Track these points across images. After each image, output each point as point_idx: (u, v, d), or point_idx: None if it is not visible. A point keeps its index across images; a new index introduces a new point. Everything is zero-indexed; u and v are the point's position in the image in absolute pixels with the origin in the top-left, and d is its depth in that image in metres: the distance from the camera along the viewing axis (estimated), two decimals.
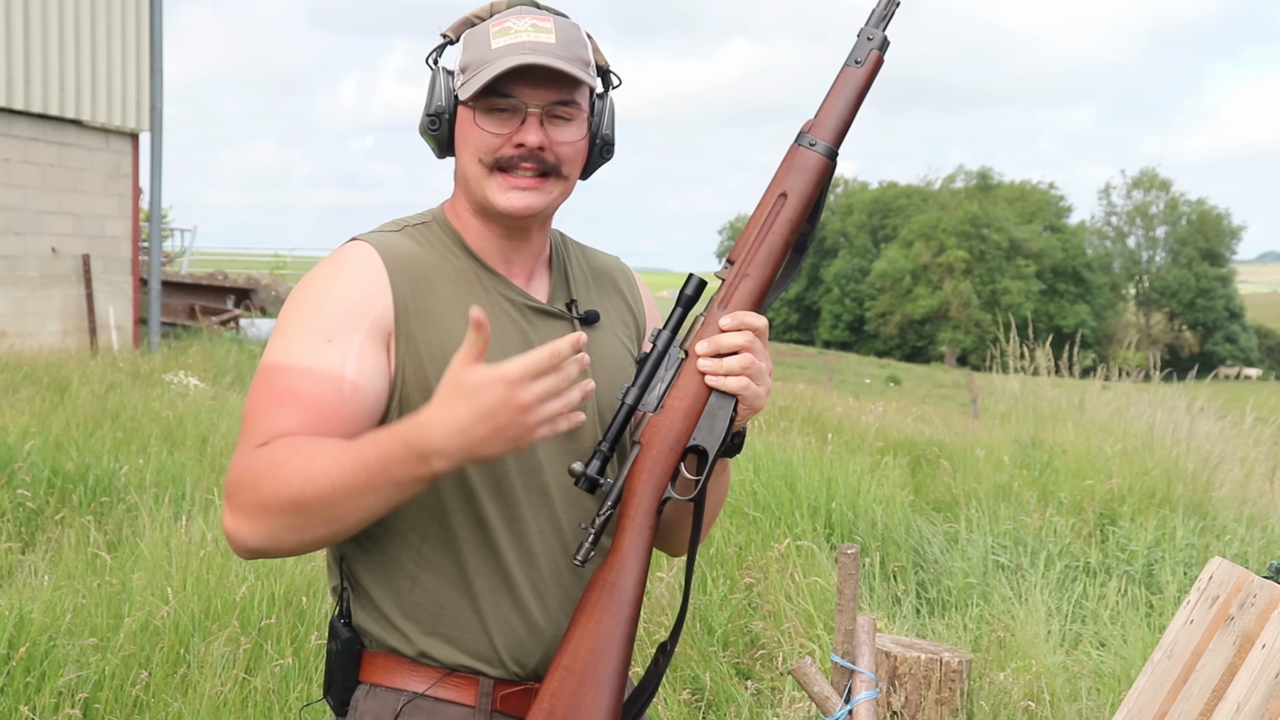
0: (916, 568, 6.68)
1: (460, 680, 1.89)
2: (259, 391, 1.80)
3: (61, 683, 4.38)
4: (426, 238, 1.94)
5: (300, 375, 1.78)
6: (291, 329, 1.82)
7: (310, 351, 1.79)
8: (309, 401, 1.76)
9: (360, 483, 1.66)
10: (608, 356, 2.01)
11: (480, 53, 1.86)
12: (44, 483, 7.05)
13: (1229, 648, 3.02)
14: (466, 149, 1.90)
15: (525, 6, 1.92)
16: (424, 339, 1.85)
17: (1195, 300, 79.86)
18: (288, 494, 1.67)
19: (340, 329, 1.80)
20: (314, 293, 1.84)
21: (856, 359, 51.12)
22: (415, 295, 1.86)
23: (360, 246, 1.88)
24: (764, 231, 1.91)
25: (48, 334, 16.20)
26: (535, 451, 1.91)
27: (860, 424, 12.25)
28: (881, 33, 1.95)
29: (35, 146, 16.13)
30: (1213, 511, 8.04)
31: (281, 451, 1.71)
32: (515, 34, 1.85)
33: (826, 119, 1.93)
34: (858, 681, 3.61)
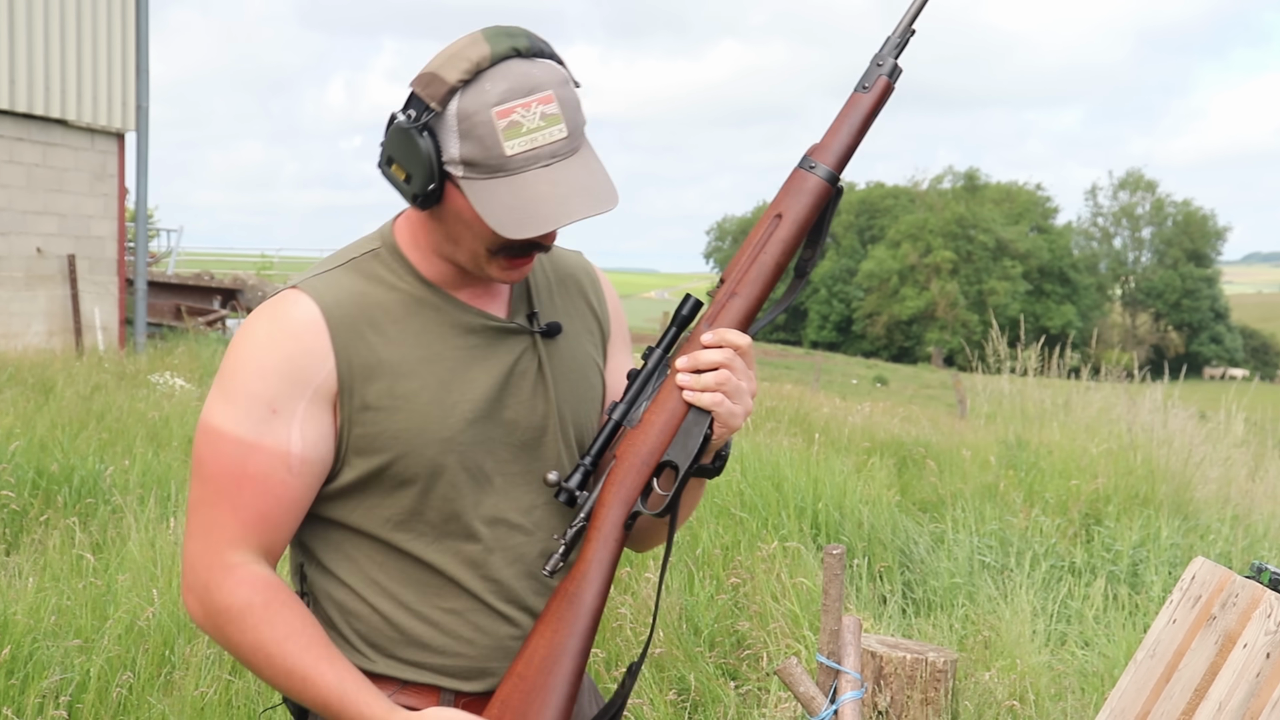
0: (902, 568, 6.69)
1: (421, 690, 1.91)
2: (209, 462, 1.82)
3: (46, 684, 4.37)
4: (373, 270, 1.88)
5: (250, 453, 1.80)
6: (236, 392, 1.81)
7: (256, 424, 1.80)
8: (261, 485, 1.80)
9: (311, 700, 1.79)
10: (570, 368, 2.00)
11: (492, 155, 1.74)
12: (28, 484, 7.03)
13: (1211, 647, 3.03)
14: (469, 232, 1.81)
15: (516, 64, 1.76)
16: (372, 389, 1.83)
17: (1181, 301, 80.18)
18: (248, 657, 1.80)
19: (285, 398, 1.80)
20: (257, 355, 1.81)
21: (843, 359, 51.22)
22: (359, 348, 1.83)
23: (300, 302, 1.83)
24: (756, 252, 1.92)
25: (33, 334, 16.16)
26: (491, 480, 1.90)
27: (847, 424, 12.26)
28: (893, 60, 1.95)
29: (20, 146, 16.09)
30: (1196, 511, 8.06)
31: (259, 609, 1.79)
32: (528, 134, 1.74)
33: (830, 143, 1.93)
34: (843, 682, 3.62)
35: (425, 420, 1.84)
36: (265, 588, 1.80)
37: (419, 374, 1.84)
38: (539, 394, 1.93)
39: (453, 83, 1.74)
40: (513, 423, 1.91)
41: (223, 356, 1.87)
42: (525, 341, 1.94)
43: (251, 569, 1.81)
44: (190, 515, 1.84)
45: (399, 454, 1.83)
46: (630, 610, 5.30)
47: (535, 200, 1.74)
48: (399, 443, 1.83)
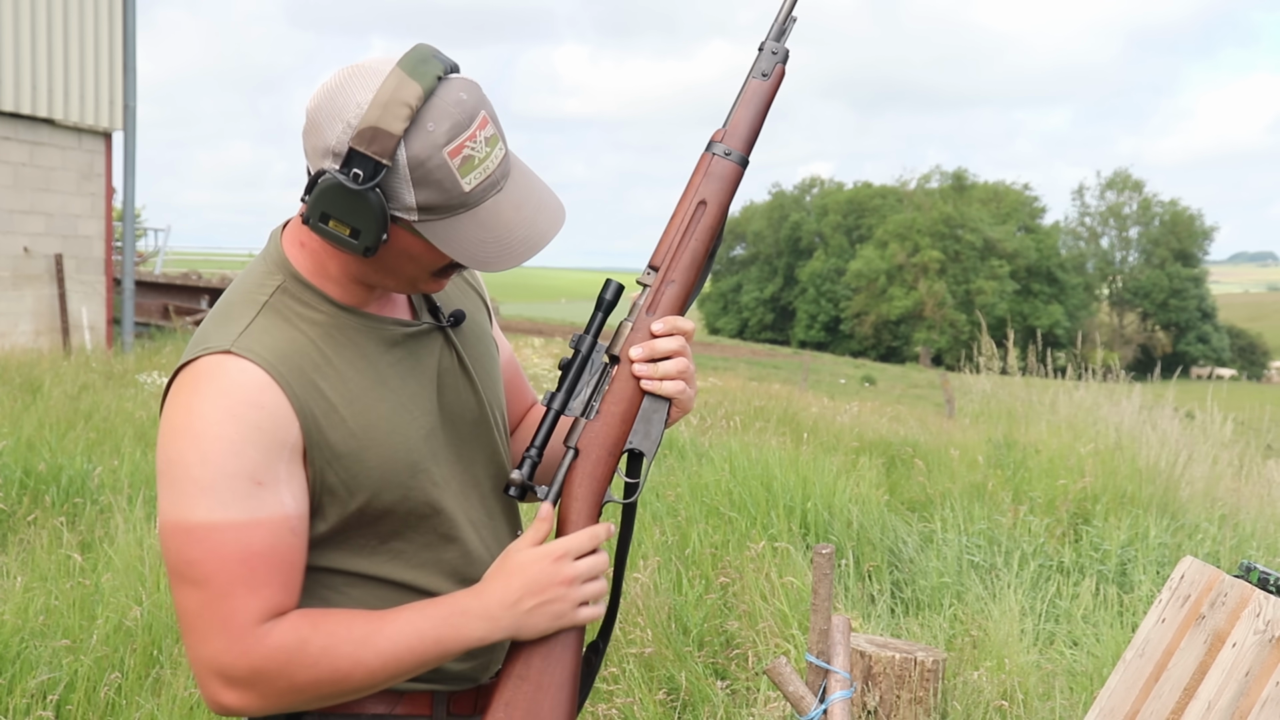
0: (891, 567, 6.69)
1: (415, 696, 1.90)
2: (211, 559, 1.69)
3: (33, 684, 4.36)
4: (289, 308, 1.81)
5: (248, 531, 1.70)
6: (208, 481, 1.69)
7: (242, 502, 1.69)
8: (273, 558, 1.72)
9: (412, 654, 1.76)
10: (480, 352, 2.02)
11: (451, 196, 1.71)
12: (16, 483, 7.02)
13: (1200, 646, 3.04)
14: (415, 265, 1.79)
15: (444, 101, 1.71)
16: (336, 435, 1.78)
17: (1168, 300, 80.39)
18: (330, 672, 1.72)
19: (265, 467, 1.71)
20: (217, 434, 1.69)
21: (832, 359, 51.27)
22: (313, 397, 1.77)
23: (242, 367, 1.73)
24: (685, 238, 1.96)
25: (20, 334, 16.11)
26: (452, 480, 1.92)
27: (836, 424, 12.28)
28: (784, 46, 2.00)
29: (7, 145, 16.04)
30: (1184, 511, 8.08)
31: (307, 629, 1.72)
32: (479, 165, 1.72)
33: (738, 129, 1.99)
34: (832, 681, 3.62)
35: (392, 450, 1.82)
36: (302, 616, 1.75)
37: (372, 405, 1.82)
38: (467, 387, 1.96)
39: (398, 134, 1.68)
40: (455, 423, 1.93)
41: (162, 452, 1.74)
42: (439, 339, 1.94)
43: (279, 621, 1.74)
44: (192, 623, 1.71)
45: (376, 490, 1.81)
46: (620, 610, 5.30)
47: (505, 229, 1.76)
48: (373, 479, 1.80)
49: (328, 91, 1.72)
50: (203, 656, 1.71)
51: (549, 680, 1.85)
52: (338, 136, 1.70)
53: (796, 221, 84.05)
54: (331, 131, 1.70)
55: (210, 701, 1.73)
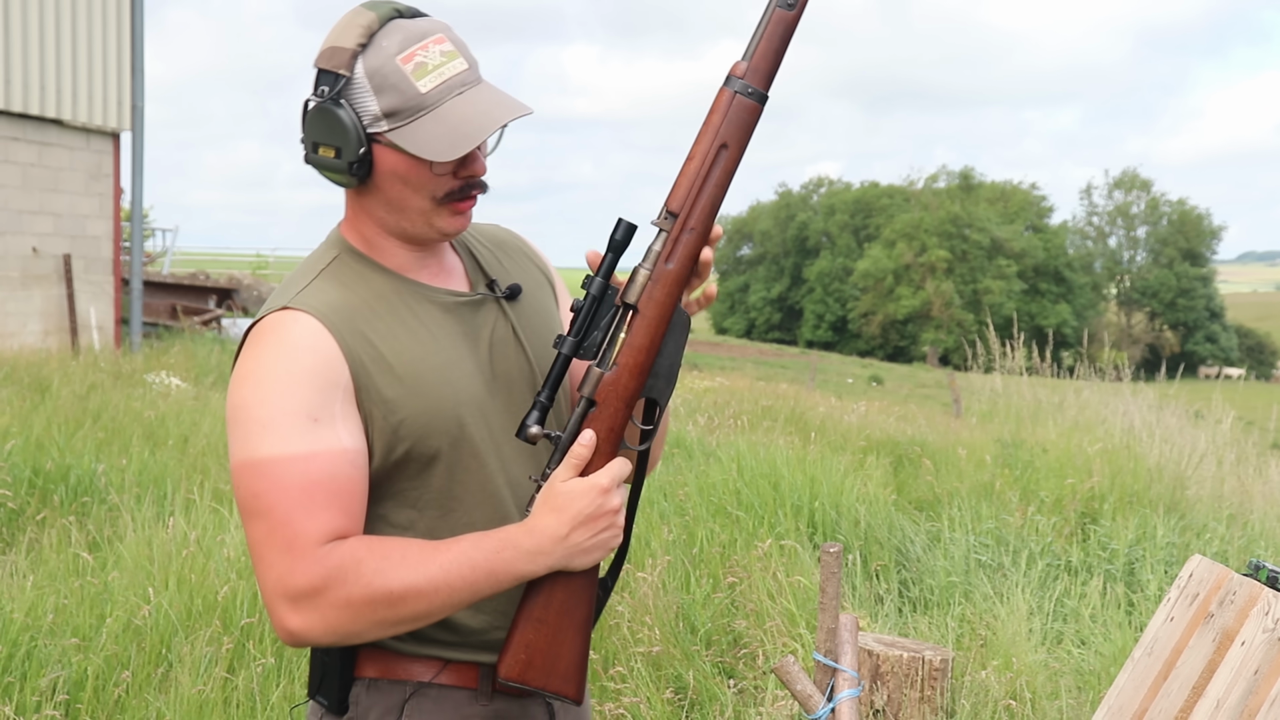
0: (899, 566, 6.69)
1: (461, 666, 1.95)
2: (274, 490, 1.80)
3: (43, 682, 4.37)
4: (343, 277, 1.94)
5: (308, 463, 1.80)
6: (269, 418, 1.81)
7: (304, 436, 1.81)
8: (332, 486, 1.81)
9: (464, 582, 1.79)
10: (538, 324, 2.07)
11: (408, 98, 1.84)
12: (25, 483, 7.03)
13: (1209, 645, 3.04)
14: (409, 188, 1.89)
15: (400, 23, 1.88)
16: (384, 381, 1.88)
17: (1176, 300, 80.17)
18: (385, 591, 1.77)
19: (321, 405, 1.82)
20: (277, 376, 1.83)
21: (839, 359, 51.21)
22: (364, 347, 1.88)
23: (298, 317, 1.87)
24: (705, 183, 1.91)
25: (28, 334, 16.14)
26: (502, 446, 1.97)
27: (843, 424, 12.27)
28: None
29: (15, 146, 16.07)
30: (1192, 510, 8.07)
31: (362, 552, 1.79)
32: (435, 70, 1.85)
33: (760, 65, 1.92)
34: (840, 680, 3.62)
35: (438, 401, 1.89)
36: (361, 539, 1.83)
37: (421, 358, 1.90)
38: (520, 356, 2.01)
39: (352, 47, 1.85)
40: (508, 390, 1.98)
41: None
42: (494, 309, 2.02)
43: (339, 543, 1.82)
44: (260, 552, 1.81)
45: (421, 435, 1.88)
46: (628, 609, 5.31)
47: (461, 121, 1.84)
48: (419, 425, 1.88)
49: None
50: (269, 581, 1.80)
51: (567, 624, 1.89)
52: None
53: (803, 221, 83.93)
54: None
55: (279, 629, 1.81)
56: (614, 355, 1.91)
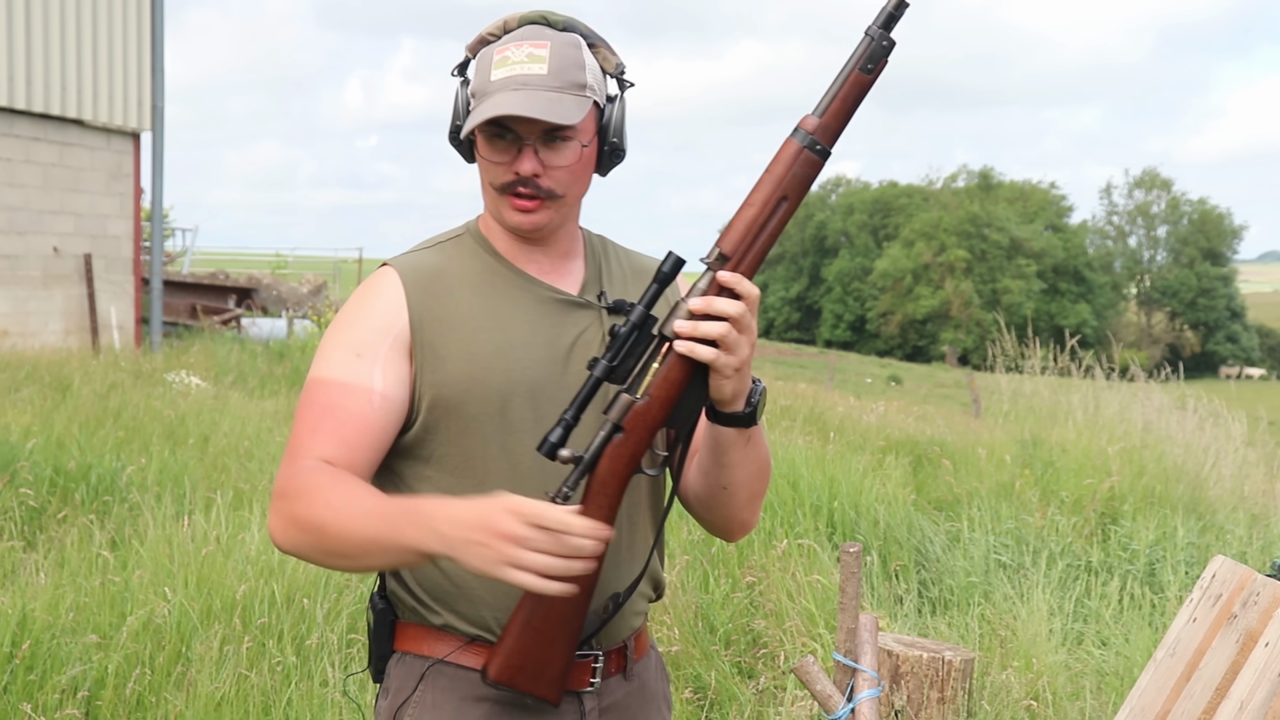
0: (918, 567, 6.67)
1: (479, 648, 2.01)
2: (304, 405, 1.99)
3: (63, 680, 4.38)
4: (454, 250, 2.09)
5: (336, 389, 1.97)
6: (329, 346, 2.02)
7: (343, 366, 1.98)
8: (343, 414, 1.95)
9: (374, 533, 1.82)
10: None
11: (482, 83, 1.99)
12: (46, 481, 7.06)
13: (1232, 646, 3.02)
14: (483, 173, 2.04)
15: (532, 26, 2.01)
16: (441, 340, 2.00)
17: (1197, 300, 79.84)
18: (315, 520, 1.86)
19: (368, 345, 1.99)
20: (348, 315, 2.05)
21: (858, 359, 51.14)
22: (431, 305, 2.02)
23: (386, 272, 2.06)
24: (761, 232, 1.89)
25: (50, 333, 16.21)
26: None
27: (862, 423, 12.25)
28: (891, 35, 1.89)
29: (37, 146, 16.14)
30: (1212, 511, 8.04)
31: (322, 480, 1.89)
32: (511, 65, 1.96)
33: (831, 123, 1.89)
34: (860, 680, 3.61)
35: (488, 369, 1.99)
36: (337, 471, 1.91)
37: (485, 330, 2.02)
38: None
39: (484, 35, 2.03)
40: (575, 387, 2.01)
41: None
42: (592, 315, 2.08)
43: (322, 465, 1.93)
44: (285, 451, 1.99)
45: (462, 397, 1.99)
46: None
47: (491, 108, 1.93)
48: (461, 386, 1.99)
49: None
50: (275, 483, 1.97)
51: (562, 634, 1.93)
52: None
53: (822, 221, 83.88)
54: None
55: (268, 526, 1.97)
56: (645, 385, 1.90)
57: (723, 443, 2.00)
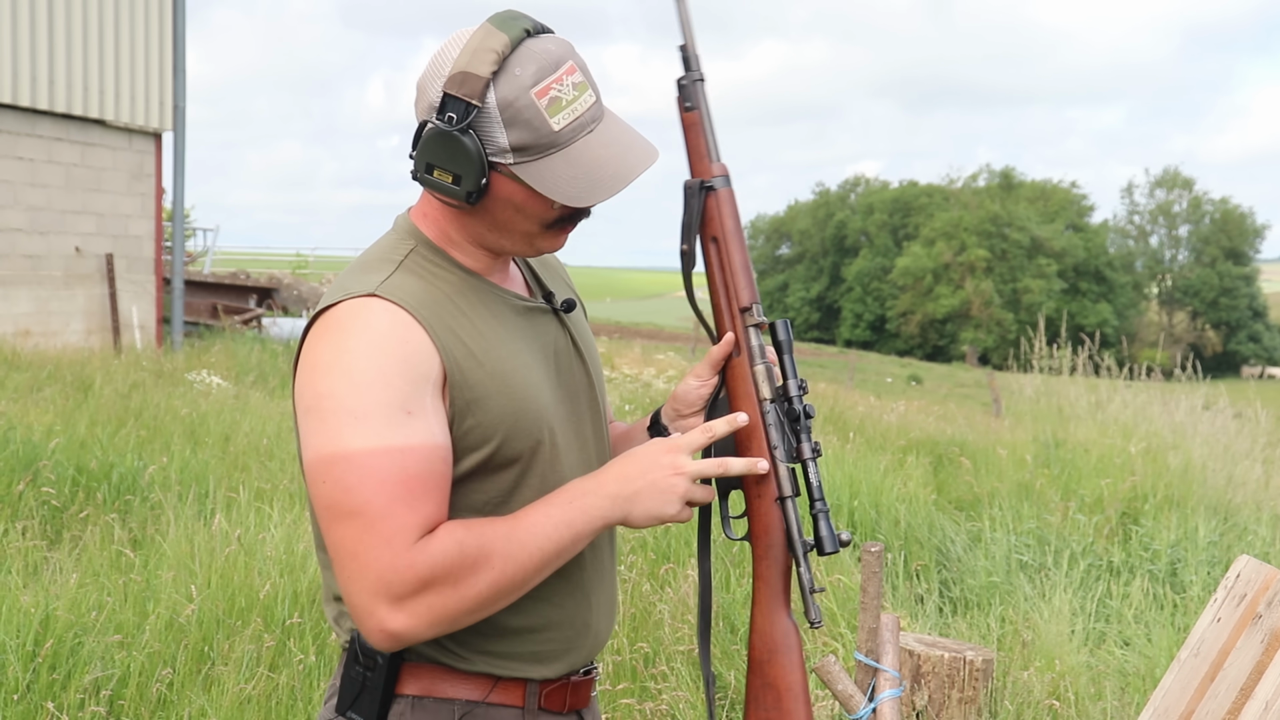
0: (939, 566, 6.66)
1: (510, 685, 1.91)
2: (368, 483, 1.73)
3: (87, 679, 4.40)
4: (422, 271, 1.89)
5: (405, 455, 1.74)
6: (362, 409, 1.74)
7: (400, 429, 1.74)
8: (430, 480, 1.76)
9: (553, 543, 1.79)
10: (588, 343, 2.09)
11: (541, 135, 1.79)
12: (69, 480, 7.08)
13: (1257, 646, 3.01)
14: (521, 215, 1.86)
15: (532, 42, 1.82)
16: (473, 378, 1.83)
17: (1218, 299, 79.58)
18: (497, 583, 1.76)
19: (414, 397, 1.76)
20: (369, 366, 1.76)
21: (878, 358, 51.07)
22: (453, 342, 1.83)
23: (387, 308, 1.81)
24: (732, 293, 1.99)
25: (71, 333, 16.28)
26: (572, 451, 1.97)
27: (882, 423, 12.23)
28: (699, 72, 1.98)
29: (59, 146, 16.21)
30: (1234, 511, 8.01)
31: (461, 534, 1.76)
32: (568, 107, 1.80)
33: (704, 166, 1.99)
34: (881, 680, 3.60)
35: (524, 401, 1.87)
36: (452, 524, 1.78)
37: (506, 357, 1.88)
38: (581, 368, 2.03)
39: (486, 76, 1.78)
40: (573, 399, 1.99)
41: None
42: (553, 320, 2.02)
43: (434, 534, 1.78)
44: (354, 549, 1.73)
45: (506, 436, 1.85)
46: (668, 608, 5.30)
47: (596, 165, 1.82)
48: (505, 425, 1.85)
49: (431, 59, 1.85)
50: (368, 580, 1.72)
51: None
52: (436, 90, 1.81)
53: (842, 220, 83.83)
54: (433, 89, 1.82)
55: (376, 632, 1.74)
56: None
57: None
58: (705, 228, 1.97)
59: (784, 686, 1.94)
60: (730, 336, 1.96)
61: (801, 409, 1.95)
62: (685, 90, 1.98)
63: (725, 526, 2.00)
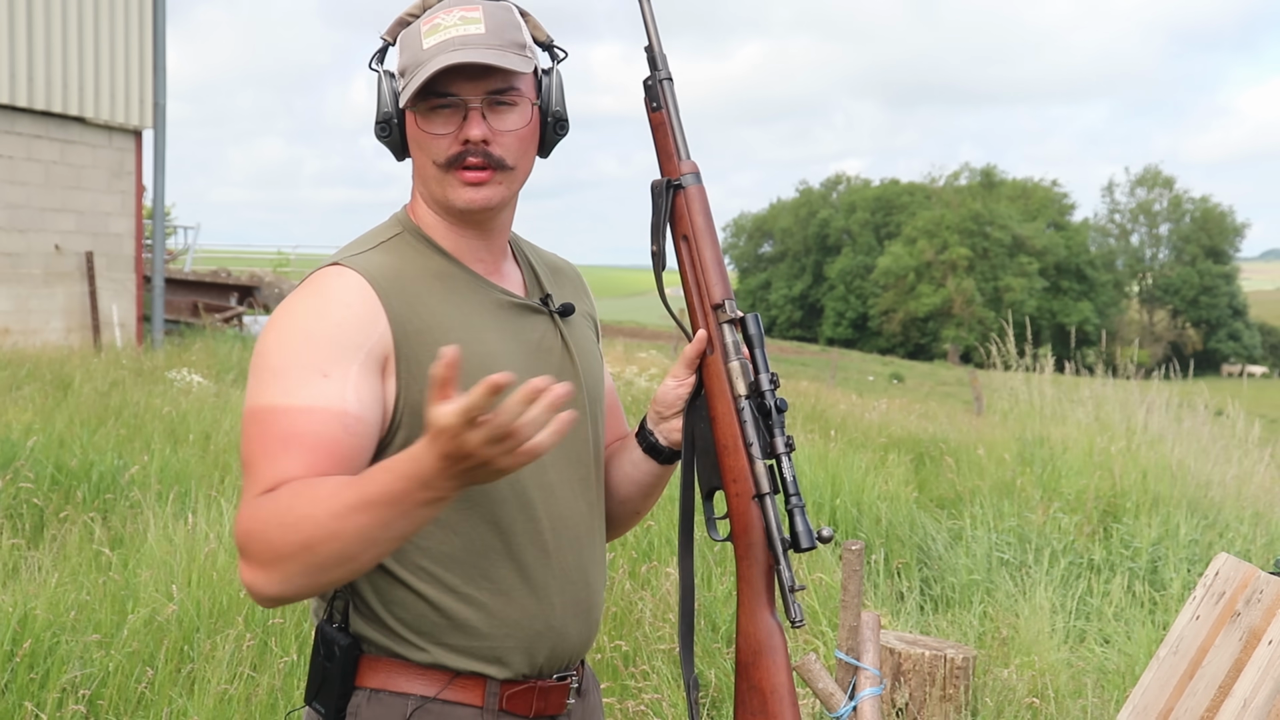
0: (920, 564, 6.67)
1: (468, 681, 1.87)
2: (259, 437, 1.74)
3: (66, 679, 4.38)
4: (401, 251, 1.90)
5: (302, 415, 1.72)
6: (283, 367, 1.76)
7: (308, 388, 1.73)
8: (313, 441, 1.72)
9: (369, 519, 1.61)
10: (585, 348, 2.04)
11: (414, 55, 1.84)
12: (48, 480, 7.05)
13: (1235, 644, 3.02)
14: (420, 151, 1.88)
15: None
16: (428, 356, 1.78)
17: (1199, 298, 79.86)
18: (298, 539, 1.63)
19: (336, 362, 1.75)
20: (302, 327, 1.78)
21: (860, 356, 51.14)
22: (410, 316, 1.82)
23: (344, 273, 1.83)
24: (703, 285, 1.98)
25: (51, 331, 16.21)
26: None
27: (864, 421, 12.25)
28: (666, 72, 1.99)
29: (39, 144, 16.14)
30: (1214, 509, 8.04)
31: (286, 497, 1.67)
32: (444, 30, 1.82)
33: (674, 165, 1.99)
34: (862, 678, 3.61)
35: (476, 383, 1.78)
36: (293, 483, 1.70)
37: (466, 340, 1.82)
38: (566, 369, 1.97)
39: (403, 17, 1.88)
40: None
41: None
42: (546, 320, 1.99)
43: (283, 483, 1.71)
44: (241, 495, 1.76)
45: None
46: (649, 606, 5.30)
47: (435, 64, 1.81)
48: None
49: None
50: (236, 535, 1.70)
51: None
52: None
53: (824, 219, 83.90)
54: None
55: (244, 586, 1.71)
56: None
57: (661, 479, 2.10)
58: (676, 226, 1.97)
59: (769, 689, 1.90)
60: (703, 334, 1.95)
61: (773, 404, 1.91)
62: (650, 90, 1.99)
63: (710, 528, 1.98)
